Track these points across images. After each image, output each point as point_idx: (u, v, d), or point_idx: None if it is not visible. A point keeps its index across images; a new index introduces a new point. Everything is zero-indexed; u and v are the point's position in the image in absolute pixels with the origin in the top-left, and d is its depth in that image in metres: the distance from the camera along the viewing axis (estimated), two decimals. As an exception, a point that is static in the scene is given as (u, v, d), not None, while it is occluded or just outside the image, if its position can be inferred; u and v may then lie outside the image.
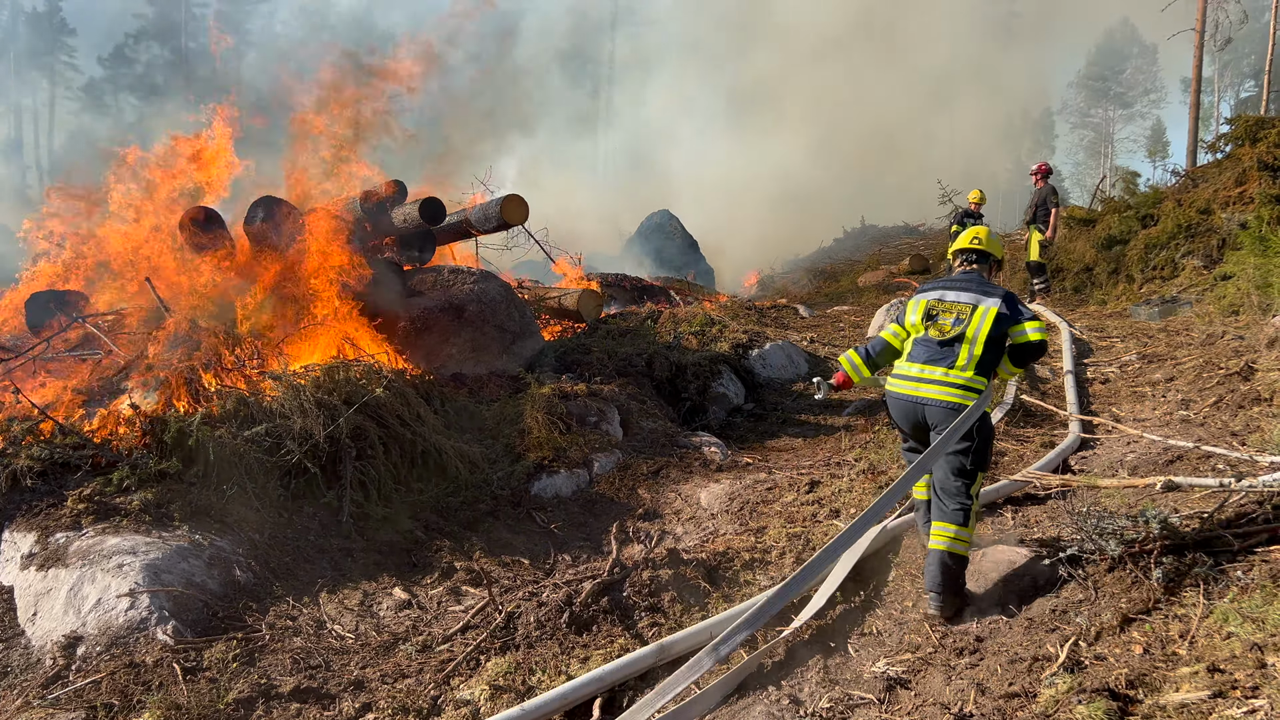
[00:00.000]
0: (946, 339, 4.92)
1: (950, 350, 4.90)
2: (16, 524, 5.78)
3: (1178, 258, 14.16)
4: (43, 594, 5.15)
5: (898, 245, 28.01)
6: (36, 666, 4.74)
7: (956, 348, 4.89)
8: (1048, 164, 16.05)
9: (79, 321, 9.18)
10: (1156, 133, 69.58)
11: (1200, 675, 3.41)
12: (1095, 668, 3.75)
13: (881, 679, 4.24)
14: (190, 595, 5.11)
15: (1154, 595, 4.14)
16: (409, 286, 10.69)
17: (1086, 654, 3.88)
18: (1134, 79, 70.27)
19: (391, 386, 7.47)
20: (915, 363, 5.01)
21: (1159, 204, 15.67)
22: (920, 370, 4.97)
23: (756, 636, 4.75)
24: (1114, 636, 3.96)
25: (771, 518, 6.62)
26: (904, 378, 5.05)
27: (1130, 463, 6.67)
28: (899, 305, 14.40)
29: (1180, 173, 18.83)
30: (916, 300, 5.19)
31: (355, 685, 4.56)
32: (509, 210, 11.09)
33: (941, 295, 5.08)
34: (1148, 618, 4.02)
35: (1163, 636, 3.85)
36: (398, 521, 6.65)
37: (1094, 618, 4.14)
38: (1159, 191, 16.90)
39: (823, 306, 19.12)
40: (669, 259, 26.00)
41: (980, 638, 4.41)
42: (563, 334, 12.48)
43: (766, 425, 9.88)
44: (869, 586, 5.24)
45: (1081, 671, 3.73)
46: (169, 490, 5.99)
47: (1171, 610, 4.04)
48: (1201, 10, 24.05)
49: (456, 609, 5.53)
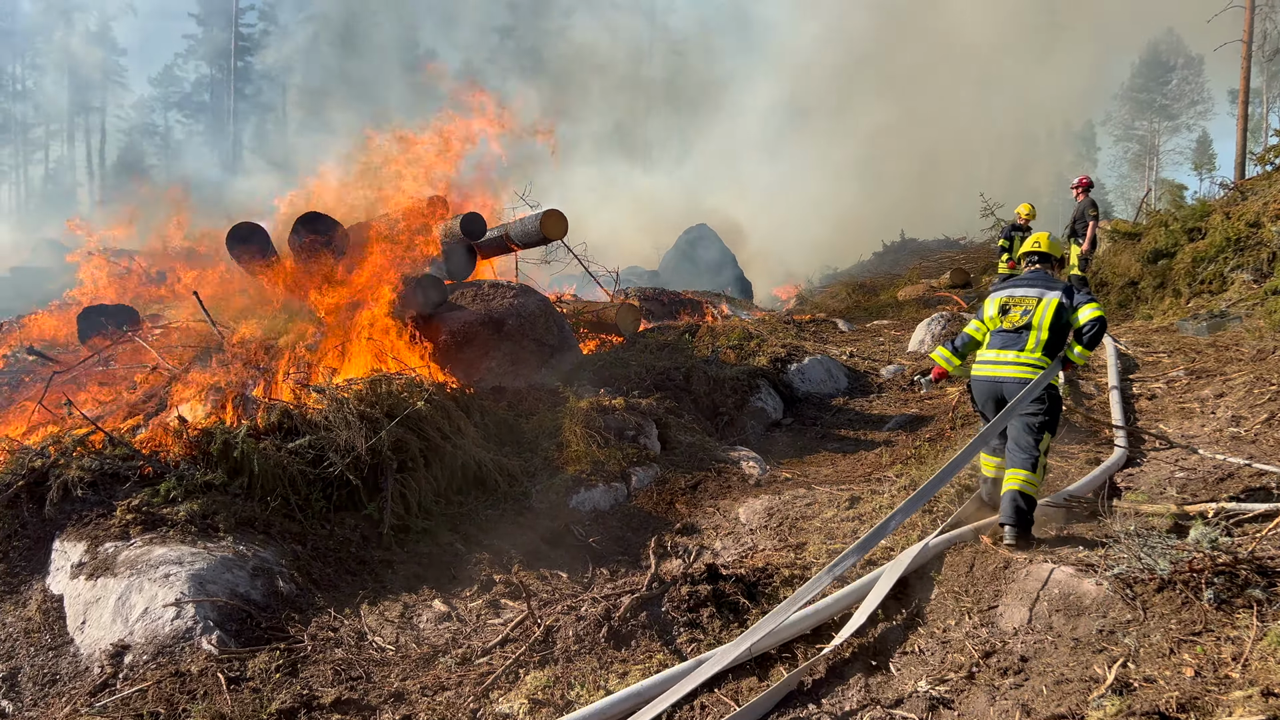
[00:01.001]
0: (1017, 328, 5.91)
1: (1020, 337, 5.88)
2: (67, 533, 5.90)
3: (1226, 271, 13.88)
4: (91, 603, 5.24)
5: (938, 259, 27.72)
6: (85, 674, 4.82)
7: (1025, 335, 5.87)
8: (1089, 177, 15.84)
9: (128, 335, 9.37)
10: (1203, 145, 68.40)
11: (1254, 699, 3.34)
12: (1145, 690, 3.67)
13: (924, 698, 4.19)
14: (234, 605, 5.17)
15: (1205, 616, 4.06)
16: (449, 300, 10.78)
17: (1135, 676, 3.80)
18: (1180, 90, 69.18)
19: (432, 400, 7.53)
20: (993, 349, 6.02)
21: (1207, 217, 15.37)
22: (997, 355, 5.96)
23: (796, 653, 4.72)
24: (1164, 658, 3.88)
25: (811, 533, 6.57)
26: (984, 363, 6.05)
27: (1179, 481, 6.54)
28: (939, 320, 14.27)
29: (1229, 185, 18.49)
30: (992, 298, 6.17)
31: (396, 697, 4.59)
32: (548, 225, 11.16)
33: (1012, 292, 6.08)
34: (1199, 639, 3.93)
35: (1215, 659, 3.76)
36: (437, 534, 6.69)
37: (1143, 639, 4.05)
38: (1206, 204, 16.59)
39: (862, 321, 18.99)
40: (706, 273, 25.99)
41: (1025, 657, 4.34)
42: (600, 348, 12.51)
43: (805, 440, 9.83)
44: (911, 604, 5.17)
45: (1130, 694, 3.66)
46: (214, 501, 6.07)
47: (1223, 632, 3.95)
48: (1249, 21, 23.68)
49: (495, 622, 5.55)
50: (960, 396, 9.76)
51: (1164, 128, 70.11)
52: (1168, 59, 68.68)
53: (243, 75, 65.39)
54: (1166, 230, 15.66)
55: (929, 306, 18.65)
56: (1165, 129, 70.15)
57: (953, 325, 13.93)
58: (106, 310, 10.19)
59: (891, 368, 12.35)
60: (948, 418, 9.36)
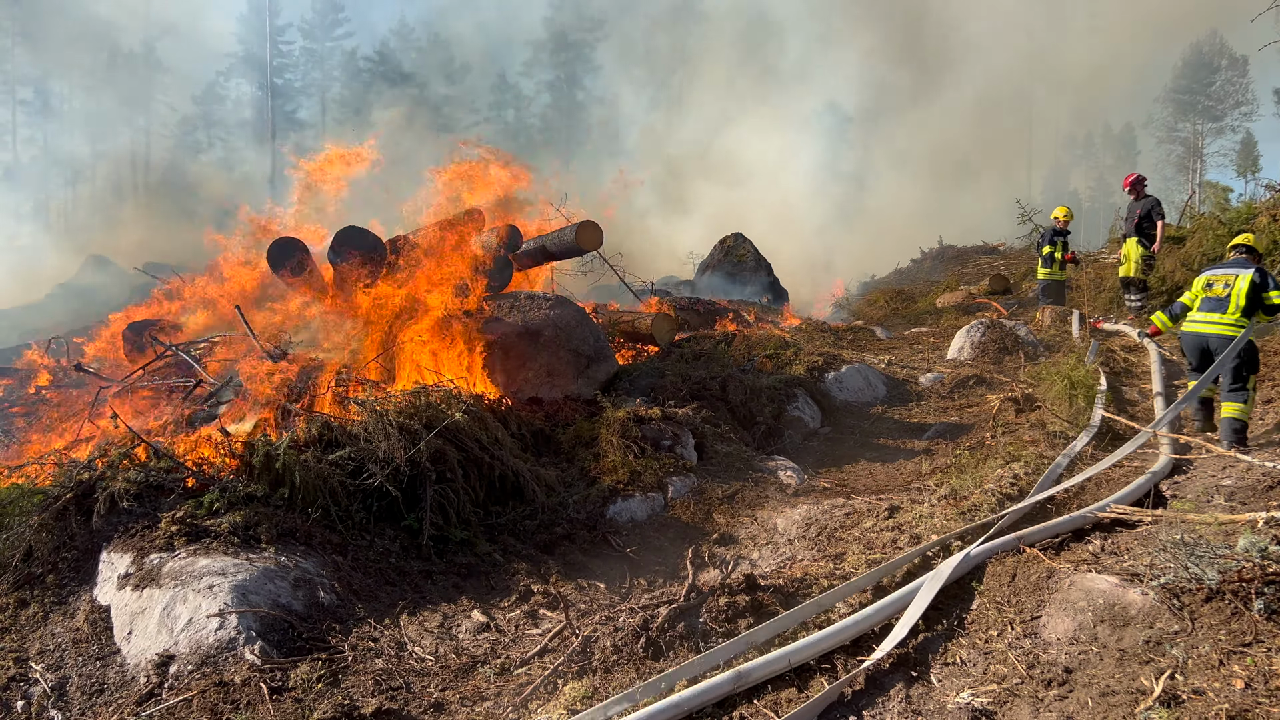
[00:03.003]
0: (1220, 298, 8.18)
1: (1222, 303, 8.15)
2: (114, 545, 6.00)
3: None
4: (137, 613, 5.33)
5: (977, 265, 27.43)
6: (131, 684, 4.90)
7: (1227, 301, 8.11)
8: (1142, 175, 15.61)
9: (173, 350, 9.53)
10: (1248, 147, 67.20)
11: (1308, 712, 3.26)
12: (1194, 702, 3.60)
13: (966, 710, 4.13)
14: (276, 616, 5.23)
15: (1255, 627, 3.97)
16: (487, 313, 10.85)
17: (1184, 688, 3.73)
18: (1224, 91, 68.07)
19: (470, 411, 7.58)
20: (1201, 312, 8.35)
21: (1253, 220, 15.09)
22: (1205, 317, 8.29)
23: (836, 665, 4.68)
24: (1213, 670, 3.80)
25: (850, 544, 6.52)
26: (1194, 322, 8.40)
27: (1227, 488, 6.41)
28: (979, 327, 14.10)
29: (1275, 187, 18.11)
30: (1200, 278, 8.53)
31: (435, 707, 4.61)
32: (584, 236, 11.20)
33: (1215, 272, 8.39)
34: (1249, 650, 3.85)
35: (1265, 671, 3.68)
36: (476, 544, 6.73)
37: (1191, 650, 3.97)
38: (1252, 207, 16.29)
39: (900, 328, 18.84)
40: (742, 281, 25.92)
41: (1069, 669, 4.27)
42: (636, 358, 12.52)
43: (843, 449, 9.76)
44: (952, 615, 5.11)
45: (1179, 706, 3.59)
46: (256, 513, 6.15)
47: (1274, 643, 3.86)
48: (1294, 19, 23.17)
49: (534, 632, 5.56)
50: (1000, 404, 9.67)
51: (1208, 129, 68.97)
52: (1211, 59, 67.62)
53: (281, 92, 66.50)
54: (1213, 234, 15.36)
55: (968, 314, 18.47)
56: (1209, 131, 69.01)
57: (992, 332, 13.75)
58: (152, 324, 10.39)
59: (930, 375, 12.23)
60: (988, 426, 9.25)
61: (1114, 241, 22.48)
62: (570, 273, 15.77)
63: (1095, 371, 9.97)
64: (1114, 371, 10.92)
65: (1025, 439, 8.47)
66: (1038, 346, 13.45)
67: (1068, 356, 11.02)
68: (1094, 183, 62.91)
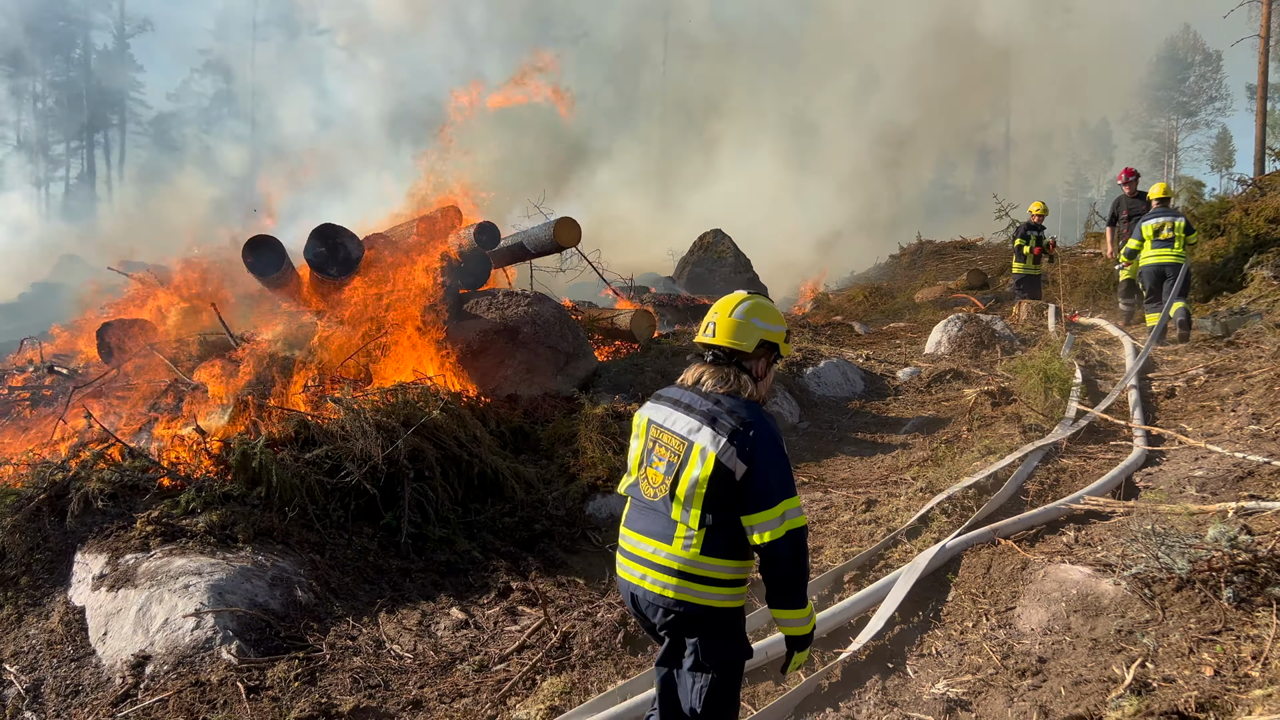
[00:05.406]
0: (1167, 239, 11.75)
1: (1169, 242, 11.74)
2: (88, 546, 5.96)
3: (1246, 268, 13.77)
4: (113, 614, 5.29)
5: (955, 261, 27.58)
6: (106, 685, 4.87)
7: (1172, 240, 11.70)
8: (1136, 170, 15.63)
9: (147, 349, 9.46)
10: (1222, 141, 67.91)
11: (1274, 698, 3.31)
12: (1163, 690, 3.64)
13: (941, 700, 4.17)
14: (253, 615, 5.21)
15: (1224, 615, 4.02)
16: (464, 309, 10.83)
17: (1154, 676, 3.77)
18: (1198, 87, 68.72)
19: (448, 409, 7.57)
20: (1155, 249, 11.86)
21: (1225, 214, 15.26)
22: (1159, 252, 11.82)
23: (813, 657, 4.70)
24: (1183, 658, 3.85)
25: (828, 537, 6.55)
26: (1152, 256, 11.86)
27: (1198, 479, 6.48)
28: (956, 321, 14.17)
29: (1248, 181, 18.34)
30: (1148, 225, 11.98)
31: (414, 705, 4.61)
32: (561, 233, 11.20)
33: (1160, 220, 11.90)
34: (1218, 639, 3.90)
35: (1234, 658, 3.73)
36: (455, 542, 6.72)
37: (1161, 638, 4.02)
38: (1225, 201, 16.47)
39: (878, 323, 18.93)
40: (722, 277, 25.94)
41: (1043, 658, 4.32)
42: (616, 354, 12.52)
43: (821, 443, 9.80)
44: (928, 607, 5.15)
45: (1149, 694, 3.63)
46: (233, 512, 6.12)
47: (1243, 631, 3.91)
48: (1266, 16, 23.49)
49: (513, 629, 5.57)
50: (977, 398, 9.74)
51: (1183, 125, 69.63)
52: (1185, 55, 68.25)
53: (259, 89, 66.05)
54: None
55: (946, 308, 18.56)
56: (1184, 126, 69.67)
57: (969, 327, 13.82)
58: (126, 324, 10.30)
59: (908, 370, 12.29)
60: (965, 419, 9.32)
61: (1091, 236, 22.67)
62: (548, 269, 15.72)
63: (1070, 365, 10.04)
64: (1089, 364, 11.01)
65: (1001, 432, 8.53)
66: (1014, 340, 13.54)
67: (1043, 350, 11.10)
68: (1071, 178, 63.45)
